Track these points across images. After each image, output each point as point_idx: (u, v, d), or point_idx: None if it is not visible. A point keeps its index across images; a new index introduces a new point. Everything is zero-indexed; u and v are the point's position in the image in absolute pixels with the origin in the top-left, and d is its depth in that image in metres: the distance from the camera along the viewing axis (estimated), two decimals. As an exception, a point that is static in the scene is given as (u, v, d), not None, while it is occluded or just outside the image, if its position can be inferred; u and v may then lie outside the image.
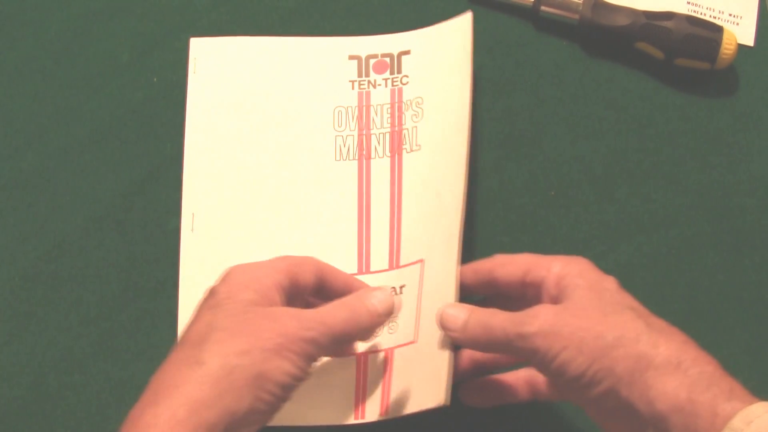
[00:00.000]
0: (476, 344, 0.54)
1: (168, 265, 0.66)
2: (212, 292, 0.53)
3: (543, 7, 0.72)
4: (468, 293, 0.58)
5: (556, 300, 0.53)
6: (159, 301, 0.65)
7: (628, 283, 0.65)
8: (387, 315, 0.56)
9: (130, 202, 0.68)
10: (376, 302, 0.55)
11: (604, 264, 0.65)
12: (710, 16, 0.73)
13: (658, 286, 0.66)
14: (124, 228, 0.68)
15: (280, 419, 0.53)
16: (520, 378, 0.59)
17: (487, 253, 0.66)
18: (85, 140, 0.70)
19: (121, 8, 0.74)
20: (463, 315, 0.54)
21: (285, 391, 0.50)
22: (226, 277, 0.54)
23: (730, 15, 0.73)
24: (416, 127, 0.67)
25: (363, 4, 0.73)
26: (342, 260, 0.64)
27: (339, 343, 0.54)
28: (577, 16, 0.71)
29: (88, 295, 0.66)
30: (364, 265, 0.64)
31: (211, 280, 0.64)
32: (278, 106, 0.69)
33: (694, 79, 0.71)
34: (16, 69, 0.72)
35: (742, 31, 0.73)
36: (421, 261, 0.61)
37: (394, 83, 0.69)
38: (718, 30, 0.69)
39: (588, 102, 0.71)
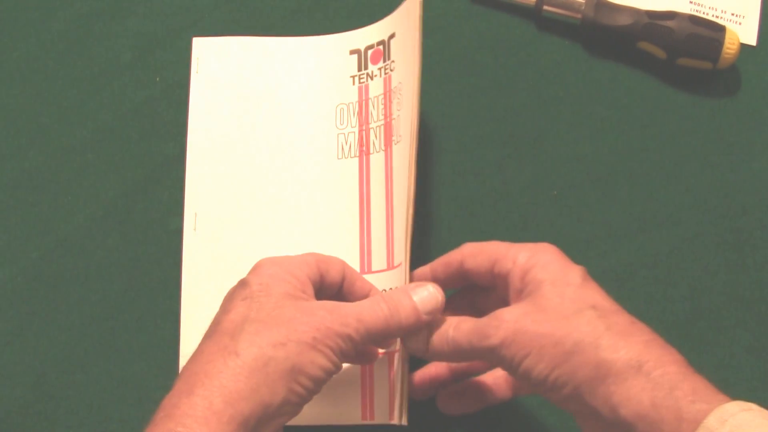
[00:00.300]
0: (446, 359, 0.55)
1: (170, 265, 0.66)
2: (244, 284, 0.52)
3: (545, 7, 0.72)
4: (444, 288, 0.56)
5: (521, 294, 0.52)
6: (161, 300, 0.65)
7: (629, 283, 0.66)
8: (432, 314, 0.54)
9: (133, 202, 0.68)
10: (419, 300, 0.54)
11: (606, 263, 0.66)
12: (713, 16, 0.73)
13: (659, 286, 0.66)
14: (126, 228, 0.68)
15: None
16: (499, 377, 0.59)
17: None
18: (88, 140, 0.70)
19: (123, 8, 0.74)
20: (424, 333, 0.54)
21: (317, 384, 0.50)
22: (258, 269, 0.53)
23: (733, 14, 0.73)
24: (399, 115, 0.65)
25: (364, 3, 0.73)
26: (345, 260, 0.64)
27: (375, 341, 0.54)
28: (579, 16, 0.71)
29: (90, 294, 0.66)
30: (366, 265, 0.64)
31: (213, 280, 0.65)
32: (280, 105, 0.70)
33: (696, 79, 0.71)
34: (19, 69, 0.72)
35: (744, 31, 0.72)
36: (400, 264, 0.60)
37: (386, 71, 0.68)
38: (721, 29, 0.69)
39: (590, 102, 0.71)
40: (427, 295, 0.54)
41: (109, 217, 0.68)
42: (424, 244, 0.66)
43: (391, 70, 0.67)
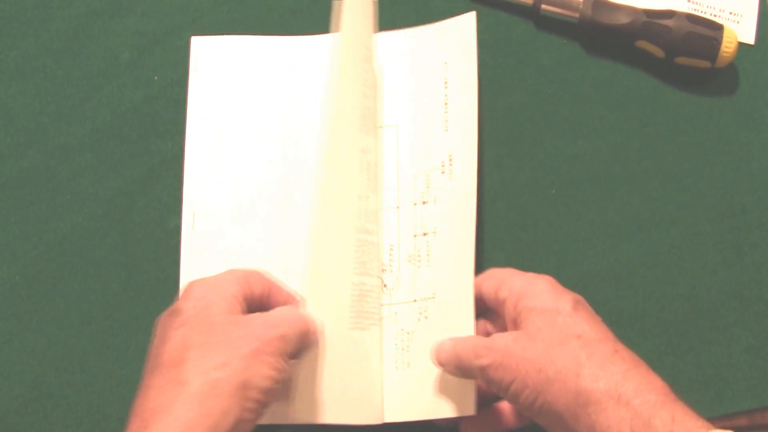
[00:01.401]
0: (457, 374, 0.56)
1: (168, 264, 0.66)
2: (177, 311, 0.53)
3: (543, 6, 0.72)
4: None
5: (515, 321, 0.55)
6: (159, 299, 0.65)
7: (628, 282, 0.66)
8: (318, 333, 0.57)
9: (131, 201, 0.68)
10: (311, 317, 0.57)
11: (605, 262, 0.66)
12: (711, 15, 0.73)
13: (658, 285, 0.66)
14: (124, 226, 0.68)
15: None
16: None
17: (489, 251, 0.66)
18: (86, 139, 0.70)
19: (121, 7, 0.74)
20: (446, 346, 0.56)
21: (267, 395, 0.51)
22: (187, 294, 0.54)
23: (731, 13, 0.73)
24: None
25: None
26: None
27: (305, 337, 0.55)
28: (577, 15, 0.71)
29: (88, 293, 0.66)
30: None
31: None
32: (278, 104, 0.70)
33: (694, 78, 0.71)
34: (18, 68, 0.72)
35: (742, 30, 0.73)
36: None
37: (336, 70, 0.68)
38: (719, 28, 0.69)
39: (588, 100, 0.71)
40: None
41: (108, 215, 0.68)
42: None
43: None
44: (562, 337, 0.51)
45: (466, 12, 0.68)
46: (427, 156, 0.65)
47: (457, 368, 0.56)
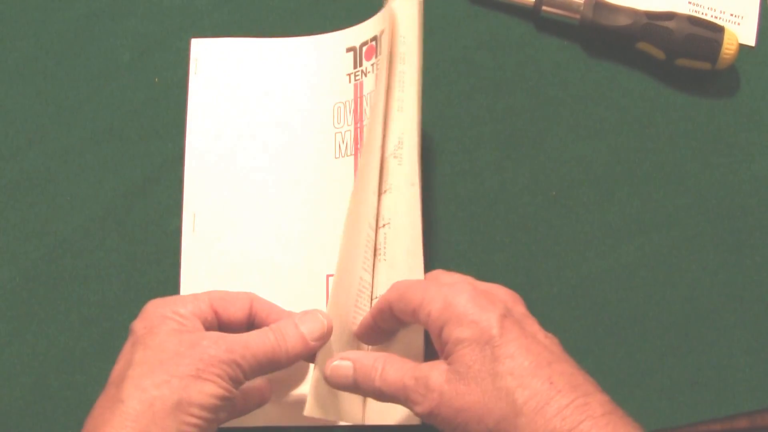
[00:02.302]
0: (375, 399, 0.54)
1: (169, 266, 0.66)
2: (131, 330, 0.53)
3: (544, 8, 0.72)
4: (392, 332, 0.58)
5: (443, 352, 0.51)
6: (160, 301, 0.65)
7: (628, 283, 0.66)
8: (319, 340, 0.55)
9: (131, 203, 0.68)
10: (306, 329, 0.54)
11: (605, 263, 0.66)
12: (711, 16, 0.73)
13: (659, 286, 0.66)
14: (125, 228, 0.68)
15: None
16: None
17: (489, 253, 0.66)
18: (86, 140, 0.70)
19: (122, 9, 0.74)
20: (350, 371, 0.54)
21: (211, 412, 0.50)
22: (143, 313, 0.54)
23: (732, 15, 0.73)
24: None
25: (364, 4, 0.73)
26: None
27: (265, 368, 0.53)
28: (578, 17, 0.71)
29: (89, 295, 0.66)
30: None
31: (212, 280, 0.64)
32: (278, 106, 0.70)
33: (695, 80, 0.71)
34: (18, 69, 0.72)
35: (743, 31, 0.73)
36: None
37: (378, 67, 0.66)
38: (720, 30, 0.69)
39: (589, 102, 0.71)
40: (314, 323, 0.55)
41: (108, 217, 0.68)
42: (423, 245, 0.66)
43: (379, 67, 0.66)
44: (493, 375, 0.49)
45: (465, 13, 0.68)
46: (389, 141, 0.63)
47: (381, 399, 0.53)
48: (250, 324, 0.57)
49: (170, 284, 0.65)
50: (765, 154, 0.70)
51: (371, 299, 0.60)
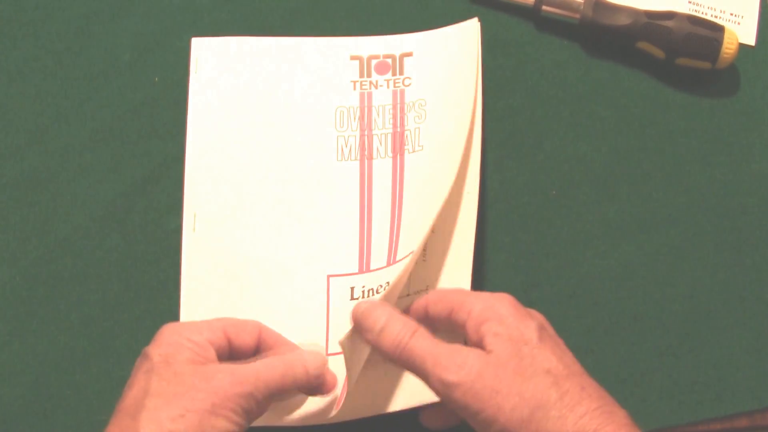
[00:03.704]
0: (389, 359, 0.54)
1: (169, 265, 0.66)
2: (146, 356, 0.53)
3: (544, 7, 0.72)
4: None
5: (477, 346, 0.52)
6: (160, 300, 0.65)
7: (629, 283, 0.66)
8: (317, 377, 0.56)
9: (132, 202, 0.68)
10: (309, 364, 0.56)
11: (606, 263, 0.66)
12: (711, 16, 0.73)
13: (659, 286, 0.66)
14: (125, 228, 0.68)
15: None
16: None
17: (488, 252, 0.66)
18: (87, 140, 0.70)
19: (122, 8, 0.74)
20: (383, 318, 0.54)
21: None
22: (158, 338, 0.54)
23: (732, 14, 0.73)
24: (419, 128, 0.67)
25: (365, 4, 0.73)
26: (343, 259, 0.65)
27: (275, 396, 0.54)
28: (578, 16, 0.71)
29: (89, 294, 0.66)
30: (364, 264, 0.64)
31: (213, 280, 0.65)
32: (280, 106, 0.69)
33: (695, 79, 0.71)
34: (18, 69, 0.72)
35: (743, 31, 0.73)
36: (411, 252, 0.61)
37: (396, 84, 0.69)
38: (720, 29, 0.69)
39: (589, 101, 0.71)
40: (315, 360, 0.57)
41: (109, 216, 0.68)
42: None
43: (405, 86, 0.69)
44: (531, 371, 0.50)
45: (465, 13, 0.68)
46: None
47: (405, 366, 0.53)
48: (257, 350, 0.58)
49: (170, 284, 0.65)
50: (765, 153, 0.70)
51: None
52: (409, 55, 0.70)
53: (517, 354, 0.51)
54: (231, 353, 0.56)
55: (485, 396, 0.50)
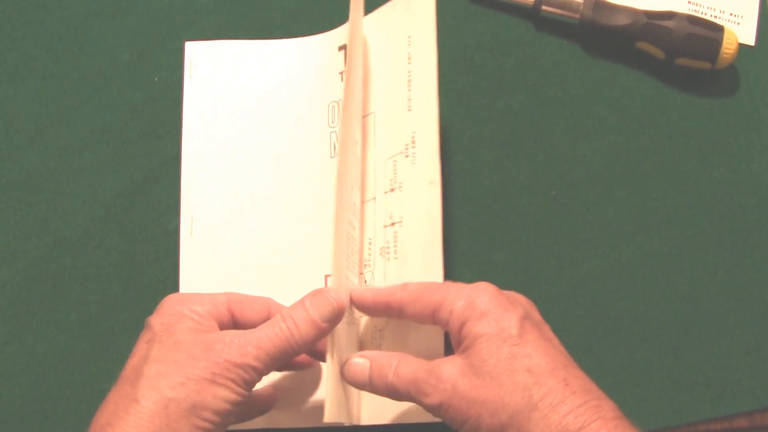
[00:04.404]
0: (389, 397, 0.54)
1: (168, 265, 0.66)
2: (148, 326, 0.53)
3: (543, 7, 0.72)
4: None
5: (459, 346, 0.52)
6: (159, 300, 0.65)
7: (628, 282, 0.66)
8: (331, 321, 0.54)
9: (131, 202, 0.68)
10: (316, 313, 0.53)
11: (605, 263, 0.66)
12: (711, 16, 0.73)
13: (658, 286, 0.66)
14: (124, 227, 0.68)
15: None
16: None
17: (489, 252, 0.66)
18: (86, 140, 0.70)
19: (121, 8, 0.74)
20: (366, 368, 0.54)
21: (223, 417, 0.50)
22: (161, 309, 0.54)
23: (731, 14, 0.73)
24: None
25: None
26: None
27: (280, 361, 0.53)
28: (577, 16, 0.71)
29: (88, 294, 0.66)
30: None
31: (211, 282, 0.65)
32: (273, 107, 0.69)
33: (694, 79, 0.71)
34: (17, 69, 0.72)
35: (743, 31, 0.73)
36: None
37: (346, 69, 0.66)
38: (719, 30, 0.69)
39: (588, 102, 0.71)
40: (324, 305, 0.54)
41: (108, 216, 0.68)
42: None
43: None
44: (510, 371, 0.49)
45: (465, 13, 0.68)
46: (394, 140, 0.63)
47: (397, 398, 0.53)
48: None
49: (169, 283, 0.65)
50: (764, 153, 0.70)
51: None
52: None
53: (495, 355, 0.50)
54: (235, 328, 0.55)
55: (464, 408, 0.50)
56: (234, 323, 0.55)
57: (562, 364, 0.50)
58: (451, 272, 0.63)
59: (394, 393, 0.53)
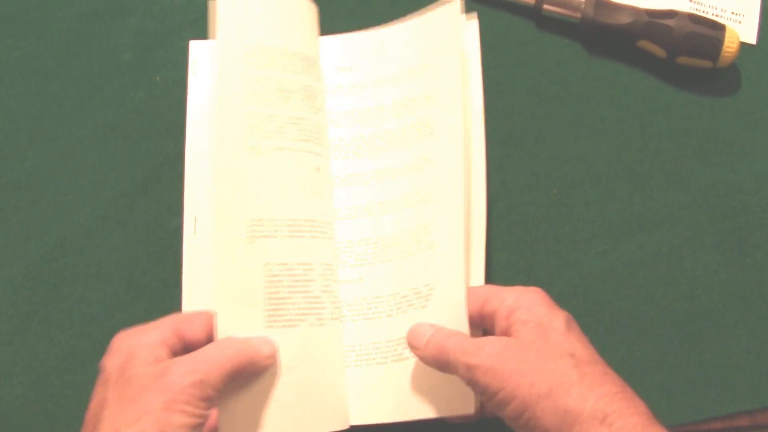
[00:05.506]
0: (434, 365, 0.56)
1: (170, 264, 0.66)
2: (101, 369, 0.54)
3: (545, 6, 0.72)
4: None
5: (506, 333, 0.54)
6: (161, 299, 0.65)
7: (629, 282, 0.66)
8: (268, 358, 0.57)
9: (133, 201, 0.68)
10: (261, 344, 0.57)
11: (606, 262, 0.66)
12: (712, 14, 0.73)
13: (659, 285, 0.66)
14: (126, 227, 0.68)
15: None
16: None
17: (489, 251, 0.66)
18: (88, 139, 0.70)
19: (123, 7, 0.74)
20: (428, 333, 0.56)
21: None
22: (110, 349, 0.55)
23: (733, 13, 0.73)
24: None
25: (363, 4, 0.73)
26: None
27: (234, 378, 0.54)
28: (579, 15, 0.71)
29: (90, 294, 0.66)
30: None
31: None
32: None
33: (696, 78, 0.71)
34: (18, 68, 0.72)
35: (744, 29, 0.73)
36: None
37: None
38: (721, 28, 0.69)
39: (590, 101, 0.71)
40: (263, 340, 0.57)
41: (110, 216, 0.68)
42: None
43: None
44: (555, 353, 0.51)
45: (466, 13, 0.68)
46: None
47: (436, 359, 0.55)
48: (212, 340, 0.58)
49: (171, 283, 0.65)
50: (766, 152, 0.70)
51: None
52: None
53: (541, 338, 0.52)
54: (186, 348, 0.56)
55: (504, 375, 0.51)
56: (184, 344, 0.56)
57: (602, 361, 0.53)
58: (452, 272, 0.63)
59: (442, 357, 0.54)
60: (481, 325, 0.57)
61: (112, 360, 0.54)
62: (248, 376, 0.56)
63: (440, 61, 0.66)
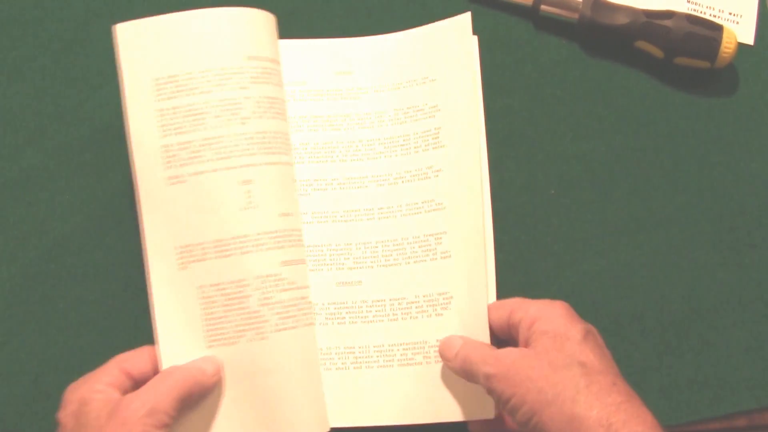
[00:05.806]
0: (462, 375, 0.58)
1: (168, 265, 0.66)
2: (58, 422, 0.56)
3: (543, 6, 0.72)
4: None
5: (527, 342, 0.56)
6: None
7: (627, 282, 0.66)
8: (214, 375, 0.58)
9: (131, 201, 0.68)
10: (205, 365, 0.58)
11: (604, 262, 0.66)
12: (710, 15, 0.73)
13: (658, 285, 0.66)
14: (124, 227, 0.68)
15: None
16: None
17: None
18: (86, 139, 0.70)
19: (121, 7, 0.74)
20: (458, 345, 0.59)
21: None
22: (63, 402, 0.56)
23: (730, 14, 0.73)
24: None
25: (361, 3, 0.73)
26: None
27: (185, 401, 0.56)
28: (576, 15, 0.71)
29: (88, 294, 0.66)
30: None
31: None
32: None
33: (693, 78, 0.71)
34: (17, 68, 0.72)
35: (742, 30, 0.73)
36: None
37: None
38: (718, 29, 0.69)
39: (588, 101, 0.71)
40: (207, 361, 0.59)
41: (108, 216, 0.68)
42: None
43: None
44: (566, 362, 0.53)
45: (463, 12, 0.68)
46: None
47: (462, 369, 0.57)
48: (158, 372, 0.59)
49: (170, 283, 0.65)
50: (763, 152, 0.70)
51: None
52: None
53: (556, 347, 0.54)
54: (136, 385, 0.57)
55: (516, 382, 0.53)
56: (133, 382, 0.57)
57: (613, 372, 0.54)
58: (450, 271, 0.63)
59: (466, 367, 0.57)
60: (509, 334, 0.59)
61: (66, 411, 0.55)
62: (198, 397, 0.58)
63: (449, 73, 0.66)
